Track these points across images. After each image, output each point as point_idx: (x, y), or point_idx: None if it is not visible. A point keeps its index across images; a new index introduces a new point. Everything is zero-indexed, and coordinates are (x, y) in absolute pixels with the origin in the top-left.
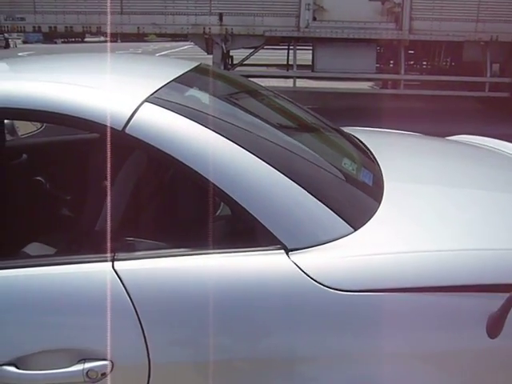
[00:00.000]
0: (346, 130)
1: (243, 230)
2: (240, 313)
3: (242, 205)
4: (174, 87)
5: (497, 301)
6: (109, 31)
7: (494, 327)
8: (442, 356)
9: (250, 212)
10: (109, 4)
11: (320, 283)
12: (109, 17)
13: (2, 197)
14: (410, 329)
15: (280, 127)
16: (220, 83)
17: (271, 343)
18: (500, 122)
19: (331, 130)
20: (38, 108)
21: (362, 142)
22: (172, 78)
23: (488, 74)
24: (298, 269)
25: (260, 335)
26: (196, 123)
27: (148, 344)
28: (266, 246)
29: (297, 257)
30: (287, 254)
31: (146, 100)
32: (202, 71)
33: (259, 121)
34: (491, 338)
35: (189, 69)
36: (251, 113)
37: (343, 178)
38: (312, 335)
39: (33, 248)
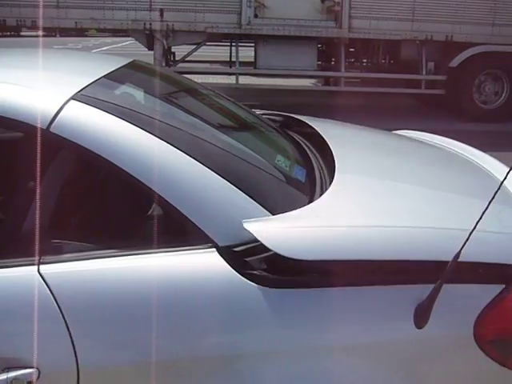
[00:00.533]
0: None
1: (174, 229)
2: (175, 313)
3: (173, 203)
4: (104, 84)
5: (423, 291)
6: (40, 25)
7: (421, 317)
8: (371, 347)
9: (181, 211)
10: None
11: (250, 279)
12: (41, 11)
13: None
14: (338, 321)
15: (213, 125)
16: (153, 80)
17: (209, 342)
18: (437, 119)
19: (268, 127)
20: None
21: (300, 138)
22: (102, 75)
23: (424, 72)
24: (228, 266)
25: (197, 334)
26: (124, 121)
27: (76, 349)
28: (198, 245)
29: (227, 254)
30: (218, 251)
31: (73, 97)
32: (136, 68)
33: (192, 118)
34: (418, 327)
35: (121, 65)
36: (184, 110)
37: (276, 174)
38: (246, 332)
39: None
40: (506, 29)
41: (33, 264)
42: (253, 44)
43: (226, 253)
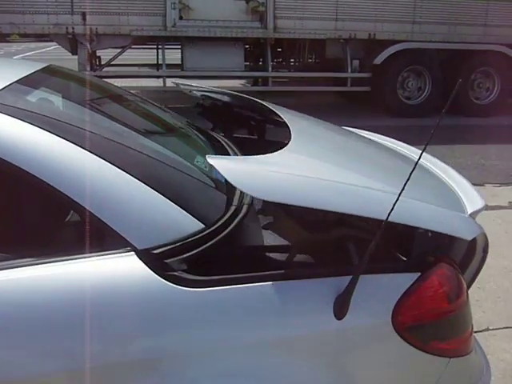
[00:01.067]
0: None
1: (93, 234)
2: (95, 318)
3: (89, 209)
4: (16, 89)
5: (342, 282)
6: None
7: (341, 308)
8: (293, 341)
9: (98, 215)
10: None
11: (169, 281)
12: None
13: None
14: (259, 317)
15: (131, 128)
16: (69, 85)
17: (135, 345)
18: (365, 115)
19: (190, 129)
20: None
21: (222, 139)
22: (14, 80)
23: (349, 70)
24: (148, 269)
25: (120, 338)
26: (37, 127)
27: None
28: (117, 249)
29: (146, 257)
30: (137, 254)
31: None
32: (51, 72)
33: (110, 122)
34: (338, 319)
35: (35, 70)
36: (102, 114)
37: (194, 175)
38: (170, 333)
39: None
40: (426, 26)
41: None
42: (179, 46)
43: (145, 255)
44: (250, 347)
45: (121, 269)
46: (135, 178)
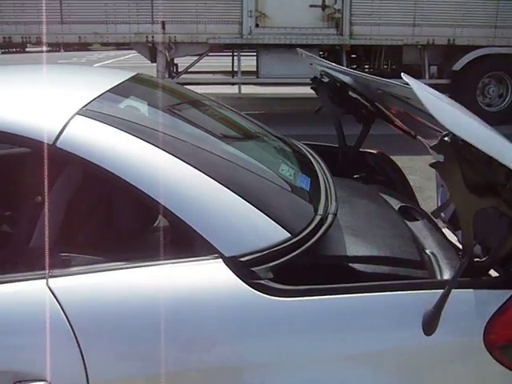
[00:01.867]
0: None
1: (181, 240)
2: (182, 323)
3: (179, 215)
4: (109, 98)
5: (432, 296)
6: (45, 41)
7: (430, 324)
8: (381, 355)
9: (187, 222)
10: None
11: (256, 289)
12: (45, 27)
13: None
14: (348, 329)
15: (217, 135)
16: (157, 93)
17: (216, 352)
18: None
19: (272, 137)
20: None
21: (304, 148)
22: (106, 89)
23: (426, 76)
24: (235, 276)
25: (204, 344)
26: (130, 135)
27: (86, 363)
28: (204, 255)
29: (234, 264)
30: (224, 261)
31: (78, 113)
32: (140, 81)
33: (196, 130)
34: (427, 334)
35: (125, 79)
36: (189, 122)
37: (280, 184)
38: (254, 342)
39: None
40: (509, 30)
41: (42, 278)
42: (255, 53)
43: (232, 263)
44: (336, 359)
45: (208, 275)
46: (224, 185)
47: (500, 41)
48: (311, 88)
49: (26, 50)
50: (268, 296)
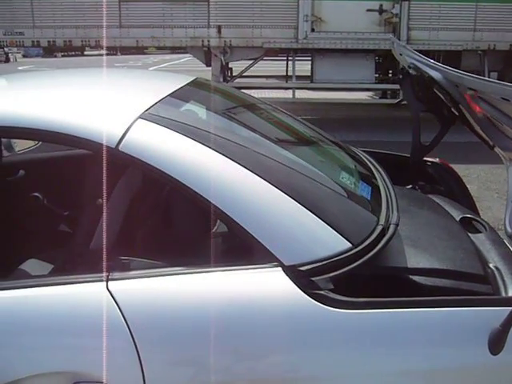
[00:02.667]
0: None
1: (240, 247)
2: (239, 331)
3: (238, 221)
4: (170, 102)
5: (499, 314)
6: (104, 45)
7: (497, 342)
8: (441, 373)
9: (246, 229)
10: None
11: (315, 299)
12: (104, 31)
13: None
14: (408, 345)
15: (277, 141)
16: (216, 98)
17: (271, 362)
18: None
19: (330, 143)
20: (33, 127)
21: (362, 155)
22: (167, 94)
23: None
24: (294, 285)
25: (260, 354)
26: (191, 139)
27: (143, 366)
28: (264, 263)
29: (293, 273)
30: (284, 270)
31: (140, 117)
32: (199, 85)
33: (256, 136)
34: (493, 354)
35: (185, 83)
36: (248, 128)
37: (340, 192)
38: (311, 353)
39: (30, 265)
40: None
41: (101, 280)
42: (309, 58)
43: (292, 272)
44: (395, 375)
45: (267, 283)
46: (285, 192)
47: None
48: (396, 80)
49: (85, 53)
50: (328, 307)
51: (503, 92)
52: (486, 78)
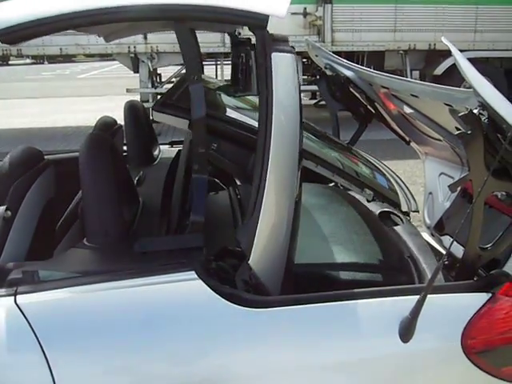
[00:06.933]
0: None
1: None
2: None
3: None
4: None
5: (408, 302)
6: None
7: (407, 331)
8: (357, 364)
9: None
10: None
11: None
12: None
13: None
14: (321, 339)
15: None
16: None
17: (194, 366)
18: None
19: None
20: None
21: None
22: None
23: None
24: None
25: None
26: None
27: (55, 380)
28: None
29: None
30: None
31: None
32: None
33: None
34: (404, 341)
35: None
36: None
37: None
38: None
39: None
40: (489, 35)
41: (10, 295)
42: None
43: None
44: (309, 370)
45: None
46: None
47: (480, 45)
48: (313, 81)
49: (9, 62)
50: (240, 307)
51: (412, 89)
52: (396, 76)
